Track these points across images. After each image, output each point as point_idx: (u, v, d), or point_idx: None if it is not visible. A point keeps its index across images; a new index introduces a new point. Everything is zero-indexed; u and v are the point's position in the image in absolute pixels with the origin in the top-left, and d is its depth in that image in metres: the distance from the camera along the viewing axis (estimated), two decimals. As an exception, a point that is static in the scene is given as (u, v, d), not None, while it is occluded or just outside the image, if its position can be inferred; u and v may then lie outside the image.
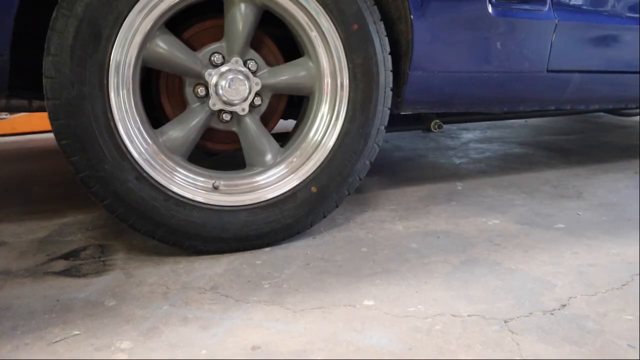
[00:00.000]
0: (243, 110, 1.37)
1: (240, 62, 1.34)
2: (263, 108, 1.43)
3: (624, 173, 2.18)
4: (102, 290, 1.18)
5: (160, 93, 1.43)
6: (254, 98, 1.38)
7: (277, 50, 1.49)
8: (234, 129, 1.42)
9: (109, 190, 1.22)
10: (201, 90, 1.34)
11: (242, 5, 1.30)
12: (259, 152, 1.41)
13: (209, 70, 1.32)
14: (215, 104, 1.34)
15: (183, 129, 1.34)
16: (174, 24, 1.36)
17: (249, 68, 1.36)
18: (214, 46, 1.34)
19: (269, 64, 1.44)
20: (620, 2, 1.70)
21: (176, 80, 1.41)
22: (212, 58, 1.33)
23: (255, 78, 1.36)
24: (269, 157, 1.42)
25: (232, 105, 1.35)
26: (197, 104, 1.36)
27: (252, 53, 1.38)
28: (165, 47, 1.27)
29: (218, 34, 1.37)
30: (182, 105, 1.42)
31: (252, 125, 1.40)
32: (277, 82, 1.40)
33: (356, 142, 1.41)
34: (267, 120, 1.51)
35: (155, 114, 1.45)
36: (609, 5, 1.69)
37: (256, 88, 1.37)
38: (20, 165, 2.51)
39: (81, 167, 1.19)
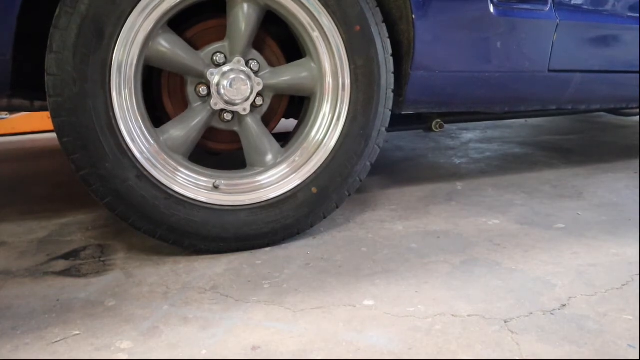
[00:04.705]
0: (244, 110, 1.37)
1: (243, 62, 1.34)
2: (264, 108, 1.43)
3: (624, 173, 2.18)
4: (102, 290, 1.18)
5: (162, 92, 1.43)
6: (255, 98, 1.37)
7: (280, 51, 1.49)
8: (235, 128, 1.42)
9: (109, 189, 1.22)
10: (203, 90, 1.34)
11: (245, 5, 1.30)
12: (260, 152, 1.41)
13: (211, 69, 1.32)
14: (216, 103, 1.34)
15: (184, 128, 1.34)
16: (177, 23, 1.36)
17: (250, 68, 1.36)
18: (216, 46, 1.34)
19: (271, 64, 1.44)
20: (621, 2, 1.70)
21: (178, 79, 1.41)
22: (214, 57, 1.33)
23: (257, 78, 1.36)
24: (269, 157, 1.41)
25: (234, 105, 1.35)
26: (199, 103, 1.36)
27: (255, 53, 1.38)
28: (168, 46, 1.27)
29: (221, 34, 1.37)
30: (183, 104, 1.42)
31: (253, 125, 1.40)
32: (278, 83, 1.40)
33: (357, 143, 1.41)
34: (268, 120, 1.51)
35: (157, 113, 1.45)
36: (610, 5, 1.69)
37: (258, 88, 1.37)
38: (20, 165, 2.51)
39: (82, 165, 1.19)
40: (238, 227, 1.34)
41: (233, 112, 1.38)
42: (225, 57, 1.34)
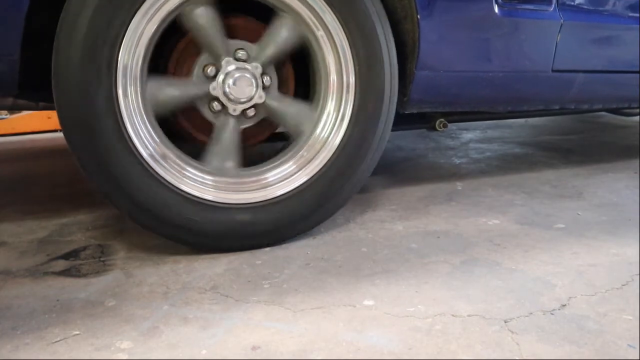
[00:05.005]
0: (234, 110, 1.38)
1: (260, 69, 1.36)
2: (250, 123, 1.44)
3: (624, 173, 2.18)
4: (102, 290, 1.18)
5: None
6: (249, 109, 1.39)
7: (293, 81, 1.52)
8: (214, 121, 1.41)
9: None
10: (211, 71, 1.35)
11: (286, 27, 1.35)
12: (223, 157, 1.40)
13: (228, 58, 1.34)
14: (214, 88, 1.35)
15: (176, 91, 1.35)
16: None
17: (263, 82, 1.38)
18: (246, 43, 1.37)
19: (282, 92, 1.47)
20: (624, 2, 1.70)
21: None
22: (237, 51, 1.36)
23: (262, 92, 1.38)
24: (230, 163, 1.40)
25: (234, 102, 1.36)
26: (200, 80, 1.37)
27: (272, 71, 1.42)
28: (204, 16, 1.28)
29: (250, 35, 1.39)
30: None
31: (231, 128, 1.39)
32: (277, 108, 1.42)
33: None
34: (253, 134, 1.52)
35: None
36: (614, 5, 1.69)
37: (258, 101, 1.38)
38: (20, 165, 2.51)
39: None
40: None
41: (223, 106, 1.38)
42: (247, 57, 1.37)
